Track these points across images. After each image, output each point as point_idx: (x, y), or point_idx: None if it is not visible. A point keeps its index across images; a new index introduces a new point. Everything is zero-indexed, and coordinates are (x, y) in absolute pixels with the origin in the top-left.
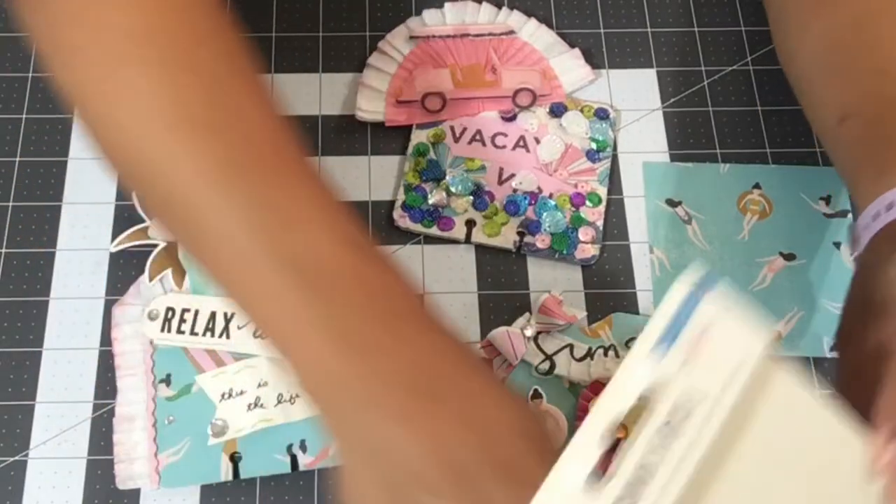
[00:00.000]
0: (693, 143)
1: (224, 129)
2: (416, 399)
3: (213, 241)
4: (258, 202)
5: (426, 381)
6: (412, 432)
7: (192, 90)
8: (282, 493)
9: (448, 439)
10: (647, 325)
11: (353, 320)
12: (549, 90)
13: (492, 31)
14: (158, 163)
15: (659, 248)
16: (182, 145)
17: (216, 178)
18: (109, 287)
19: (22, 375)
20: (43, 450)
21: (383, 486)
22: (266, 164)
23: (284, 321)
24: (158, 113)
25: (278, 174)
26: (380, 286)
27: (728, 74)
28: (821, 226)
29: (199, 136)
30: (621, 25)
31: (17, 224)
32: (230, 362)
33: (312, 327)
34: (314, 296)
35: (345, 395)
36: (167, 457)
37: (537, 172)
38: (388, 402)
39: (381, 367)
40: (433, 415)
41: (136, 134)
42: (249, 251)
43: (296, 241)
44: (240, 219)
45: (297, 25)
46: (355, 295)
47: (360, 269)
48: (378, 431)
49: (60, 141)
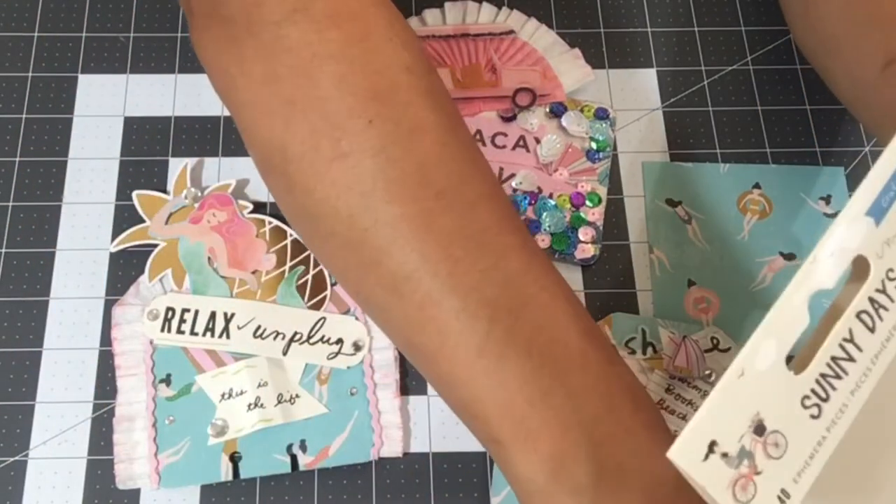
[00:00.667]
0: (693, 143)
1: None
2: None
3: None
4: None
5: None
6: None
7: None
8: (282, 493)
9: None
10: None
11: (588, 412)
12: (549, 90)
13: (492, 31)
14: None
15: (659, 248)
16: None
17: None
18: (109, 287)
19: (22, 375)
20: (43, 450)
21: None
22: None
23: (518, 400)
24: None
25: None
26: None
27: (728, 74)
28: (821, 226)
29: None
30: (621, 25)
31: (17, 224)
32: (230, 362)
33: (549, 409)
34: (552, 378)
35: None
36: (167, 457)
37: (537, 172)
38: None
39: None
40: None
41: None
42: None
43: (533, 319)
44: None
45: None
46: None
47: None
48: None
49: (60, 141)
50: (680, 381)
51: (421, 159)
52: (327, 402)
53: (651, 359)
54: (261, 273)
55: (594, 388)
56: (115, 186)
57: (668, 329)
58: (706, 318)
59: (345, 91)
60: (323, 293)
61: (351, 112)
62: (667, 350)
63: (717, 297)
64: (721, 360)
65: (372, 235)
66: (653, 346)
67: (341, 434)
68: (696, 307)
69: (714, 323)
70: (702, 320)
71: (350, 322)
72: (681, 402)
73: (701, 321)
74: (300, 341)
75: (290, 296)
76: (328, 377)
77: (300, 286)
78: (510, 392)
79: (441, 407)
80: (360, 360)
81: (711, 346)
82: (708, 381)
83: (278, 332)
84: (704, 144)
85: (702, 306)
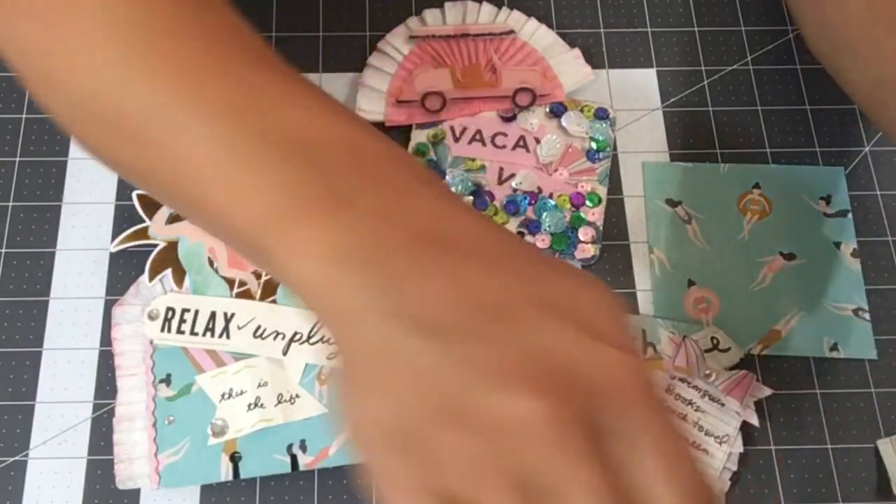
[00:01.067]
0: (693, 143)
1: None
2: (430, 251)
3: (180, 140)
4: (237, 87)
5: (443, 237)
6: (426, 277)
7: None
8: (282, 493)
9: (475, 281)
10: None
11: (352, 186)
12: (549, 90)
13: (492, 31)
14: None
15: (659, 248)
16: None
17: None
18: (109, 287)
19: (22, 375)
20: (43, 450)
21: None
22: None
23: (273, 195)
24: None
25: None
26: (383, 155)
27: (728, 74)
28: (821, 226)
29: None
30: (621, 25)
31: (17, 224)
32: (230, 362)
33: (306, 197)
34: (308, 165)
35: (345, 269)
36: (167, 457)
37: (537, 172)
38: (396, 259)
39: (386, 235)
40: (456, 263)
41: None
42: (227, 134)
43: (283, 116)
44: (216, 109)
45: (296, 25)
46: (353, 162)
47: (360, 139)
48: (390, 284)
49: (60, 141)
50: (680, 381)
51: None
52: (327, 402)
53: (651, 359)
54: (261, 273)
55: (355, 167)
56: (115, 186)
57: (668, 329)
58: (706, 318)
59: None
60: None
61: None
62: (667, 350)
63: (717, 297)
64: (721, 360)
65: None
66: (653, 346)
67: (341, 434)
68: (696, 307)
69: (714, 323)
70: (702, 320)
71: None
72: (681, 402)
73: (701, 321)
74: (300, 341)
75: (290, 296)
76: (328, 377)
77: None
78: (269, 193)
79: None
80: None
81: (711, 346)
82: (708, 381)
83: (278, 332)
84: (704, 144)
85: (702, 306)
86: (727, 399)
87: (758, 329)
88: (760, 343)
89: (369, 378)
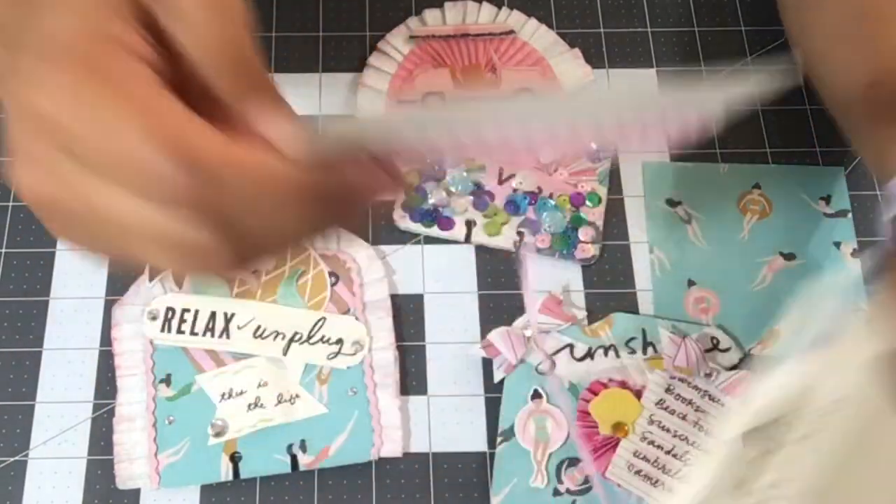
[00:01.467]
0: (693, 143)
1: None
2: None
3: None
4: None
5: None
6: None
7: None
8: (282, 493)
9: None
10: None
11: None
12: (549, 90)
13: (492, 31)
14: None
15: (659, 248)
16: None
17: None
18: (109, 287)
19: (22, 375)
20: (43, 450)
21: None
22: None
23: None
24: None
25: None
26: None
27: (728, 74)
28: (821, 226)
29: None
30: (621, 25)
31: (17, 224)
32: (230, 362)
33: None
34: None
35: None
36: (167, 457)
37: (537, 172)
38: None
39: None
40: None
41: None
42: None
43: None
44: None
45: (296, 25)
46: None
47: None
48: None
49: None
50: (680, 381)
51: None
52: (327, 402)
53: (651, 359)
54: (261, 273)
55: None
56: None
57: (668, 329)
58: (706, 318)
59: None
60: (323, 293)
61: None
62: (667, 350)
63: (717, 297)
64: (721, 360)
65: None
66: (653, 346)
67: (341, 434)
68: (696, 307)
69: (714, 323)
70: (702, 320)
71: (350, 322)
72: (681, 401)
73: (701, 321)
74: (300, 341)
75: (290, 296)
76: (328, 377)
77: (300, 286)
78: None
79: (441, 407)
80: (360, 360)
81: (711, 346)
82: (708, 381)
83: (278, 332)
84: (704, 144)
85: (702, 306)
86: (727, 399)
87: (758, 329)
88: (760, 343)
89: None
